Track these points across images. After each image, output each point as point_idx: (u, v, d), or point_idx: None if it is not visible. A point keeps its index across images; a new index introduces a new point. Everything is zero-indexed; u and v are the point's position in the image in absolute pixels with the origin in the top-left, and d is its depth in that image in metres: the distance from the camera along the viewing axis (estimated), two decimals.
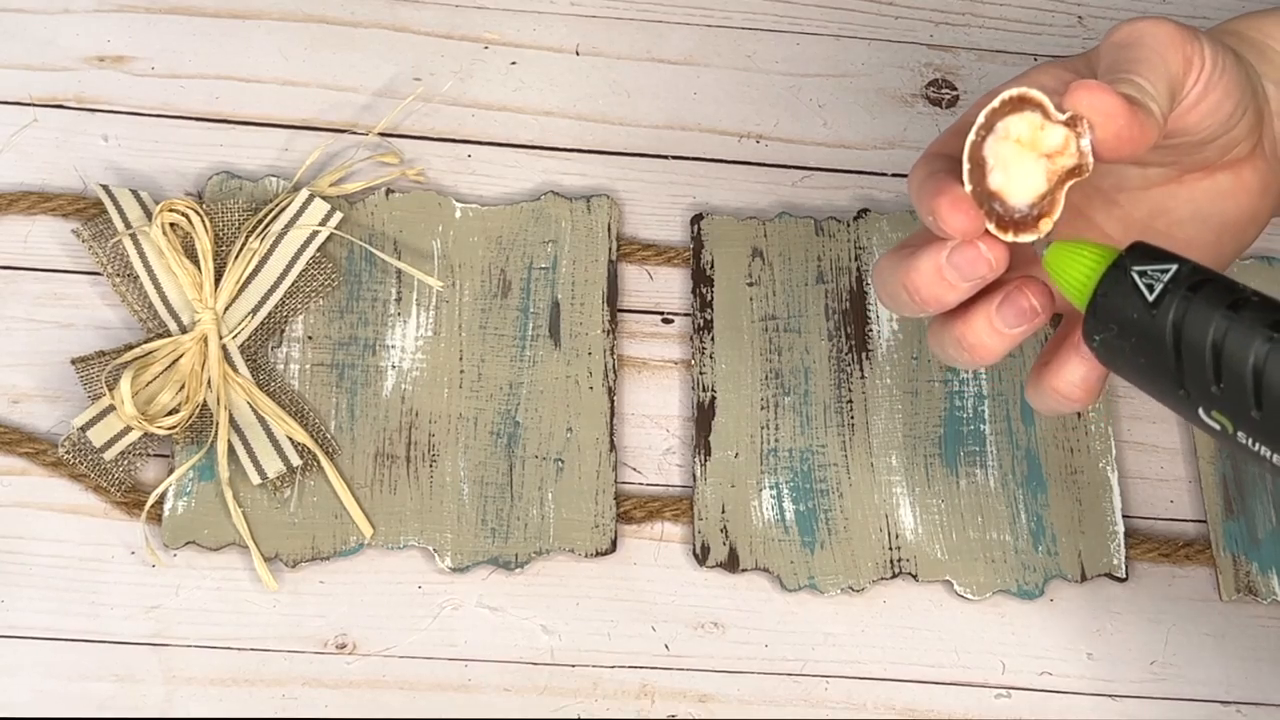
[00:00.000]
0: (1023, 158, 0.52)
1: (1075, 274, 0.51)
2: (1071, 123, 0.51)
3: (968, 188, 0.52)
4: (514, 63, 0.83)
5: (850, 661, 0.71)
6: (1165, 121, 0.53)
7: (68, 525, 0.70)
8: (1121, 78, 0.52)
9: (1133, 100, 0.51)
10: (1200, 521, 0.75)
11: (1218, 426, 0.50)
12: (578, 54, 0.84)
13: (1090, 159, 0.51)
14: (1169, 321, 0.49)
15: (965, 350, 0.56)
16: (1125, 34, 0.55)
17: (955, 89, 0.85)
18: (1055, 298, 0.55)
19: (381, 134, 0.80)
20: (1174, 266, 0.50)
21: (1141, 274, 0.50)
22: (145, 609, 0.69)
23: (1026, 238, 0.52)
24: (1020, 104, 0.52)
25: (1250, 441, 0.49)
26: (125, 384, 0.69)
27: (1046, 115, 0.51)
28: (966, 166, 0.51)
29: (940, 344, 0.57)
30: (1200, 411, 0.50)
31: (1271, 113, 0.59)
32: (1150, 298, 0.50)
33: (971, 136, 0.52)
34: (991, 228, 0.52)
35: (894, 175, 0.82)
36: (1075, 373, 0.55)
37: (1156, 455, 0.77)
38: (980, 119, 0.52)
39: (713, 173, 0.81)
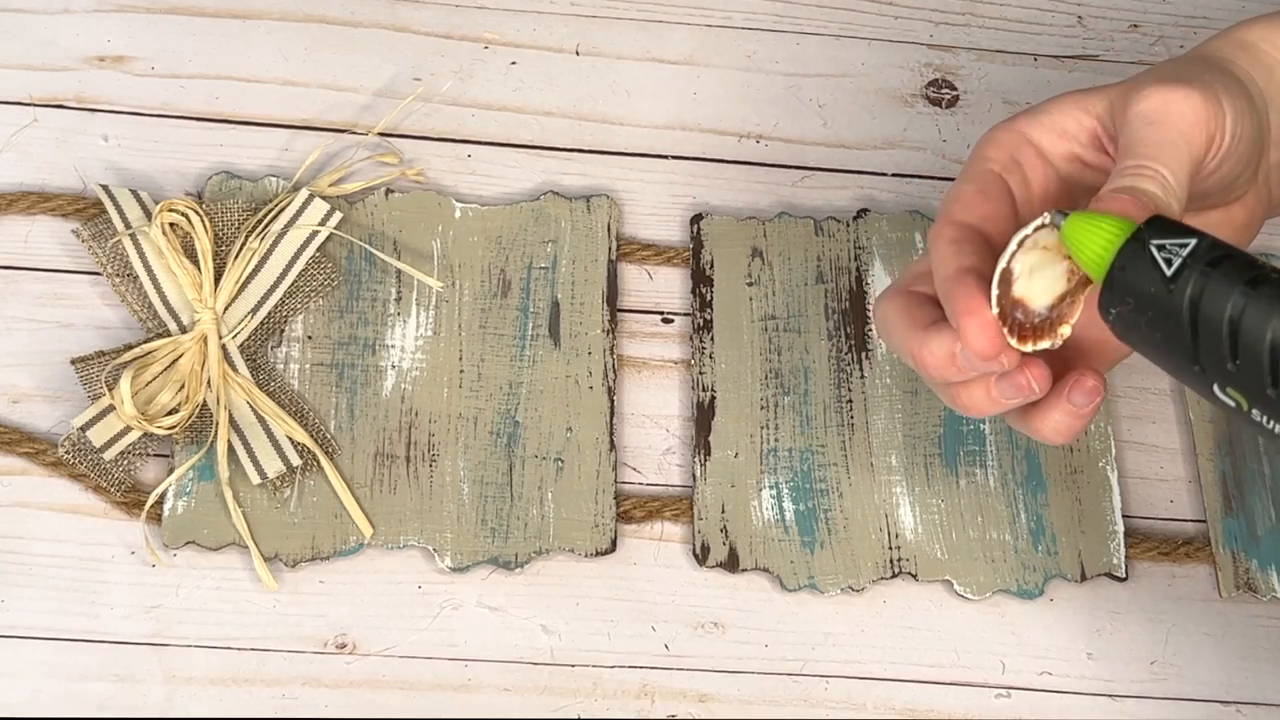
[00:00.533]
0: (1047, 261, 0.53)
1: (1093, 246, 0.51)
2: None
3: (994, 310, 0.52)
4: (514, 63, 0.83)
5: (850, 661, 0.71)
6: (1183, 212, 0.54)
7: (68, 525, 0.70)
8: (1145, 170, 0.53)
9: (1158, 206, 0.52)
10: (1200, 521, 0.75)
11: (1232, 403, 0.49)
12: (578, 54, 0.84)
13: None
14: (1186, 297, 0.49)
15: (957, 405, 0.58)
16: (1153, 107, 0.55)
17: (955, 89, 0.85)
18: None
19: (381, 134, 0.80)
20: (1193, 241, 0.50)
21: (1160, 248, 0.50)
22: (145, 609, 0.69)
23: (1043, 346, 0.53)
24: (1050, 220, 0.53)
25: (1265, 419, 0.49)
26: (125, 384, 0.69)
27: None
28: (995, 292, 0.52)
29: (932, 385, 0.59)
30: (1215, 388, 0.50)
31: (1271, 141, 0.59)
32: (1168, 272, 0.49)
33: (1003, 264, 0.52)
34: (1013, 342, 0.53)
35: (894, 175, 0.82)
36: (1060, 420, 0.57)
37: (1156, 455, 0.77)
38: (1012, 246, 0.52)
39: (713, 173, 0.81)
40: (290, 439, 0.71)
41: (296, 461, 0.70)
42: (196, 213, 0.73)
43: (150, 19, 0.81)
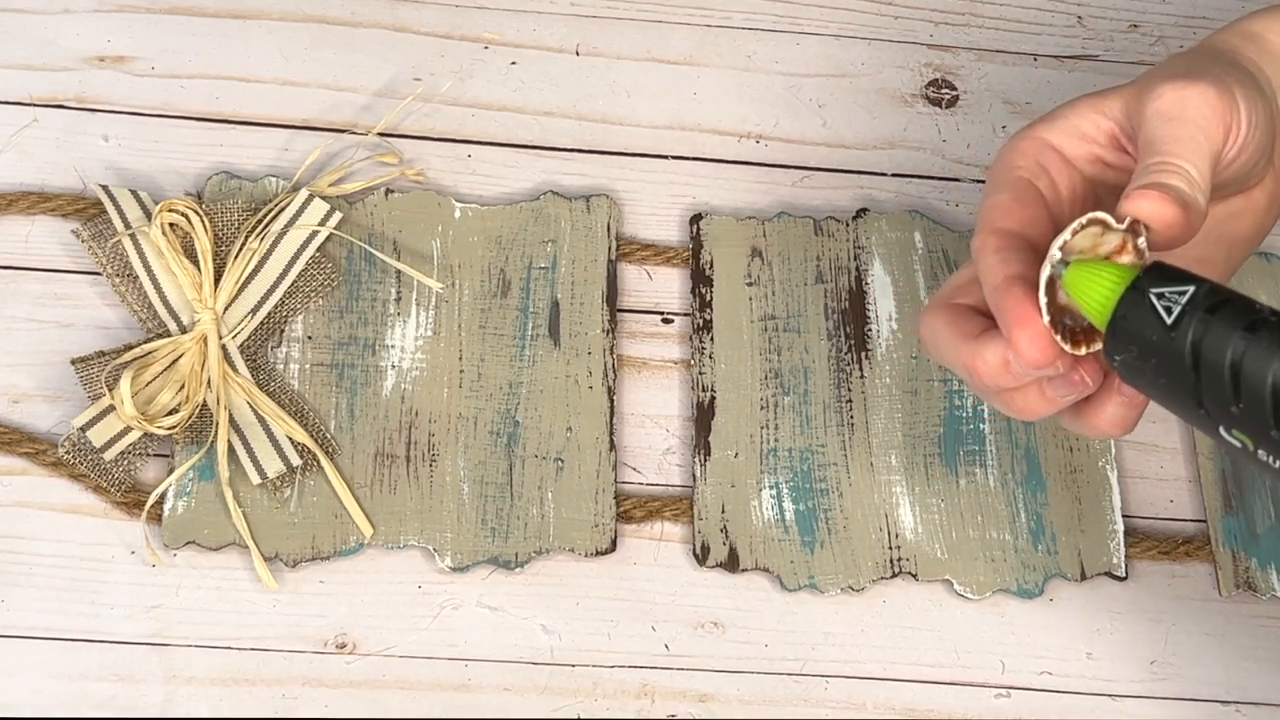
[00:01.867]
0: None
1: (1095, 295, 0.52)
2: (1131, 229, 0.53)
3: (1045, 317, 0.53)
4: (514, 63, 0.83)
5: (850, 661, 0.71)
6: (1208, 204, 0.55)
7: (68, 525, 0.70)
8: (1169, 166, 0.54)
9: (1185, 200, 0.53)
10: (1200, 521, 0.75)
11: (1239, 444, 0.50)
12: (578, 54, 0.84)
13: (1146, 254, 0.53)
14: (1187, 343, 0.50)
15: (1011, 410, 0.58)
16: (1170, 104, 0.56)
17: (955, 89, 0.85)
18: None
19: (381, 134, 0.80)
20: (1191, 288, 0.50)
21: (1159, 296, 0.51)
22: (146, 609, 0.69)
23: (1095, 348, 0.54)
24: (1085, 224, 0.53)
25: (1271, 459, 0.49)
26: (125, 384, 0.68)
27: (1107, 226, 0.53)
28: (1044, 300, 0.53)
29: (983, 393, 0.59)
30: (1221, 429, 0.50)
31: None
32: (1168, 320, 0.50)
33: (1046, 271, 0.53)
34: (1066, 347, 0.53)
35: (894, 175, 0.82)
36: (1115, 412, 0.57)
37: (1156, 455, 0.77)
38: (1055, 253, 0.53)
39: (712, 173, 0.81)
40: (290, 439, 0.71)
41: (296, 461, 0.70)
42: (196, 213, 0.73)
43: (150, 19, 0.81)
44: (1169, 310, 0.50)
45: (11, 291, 0.74)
